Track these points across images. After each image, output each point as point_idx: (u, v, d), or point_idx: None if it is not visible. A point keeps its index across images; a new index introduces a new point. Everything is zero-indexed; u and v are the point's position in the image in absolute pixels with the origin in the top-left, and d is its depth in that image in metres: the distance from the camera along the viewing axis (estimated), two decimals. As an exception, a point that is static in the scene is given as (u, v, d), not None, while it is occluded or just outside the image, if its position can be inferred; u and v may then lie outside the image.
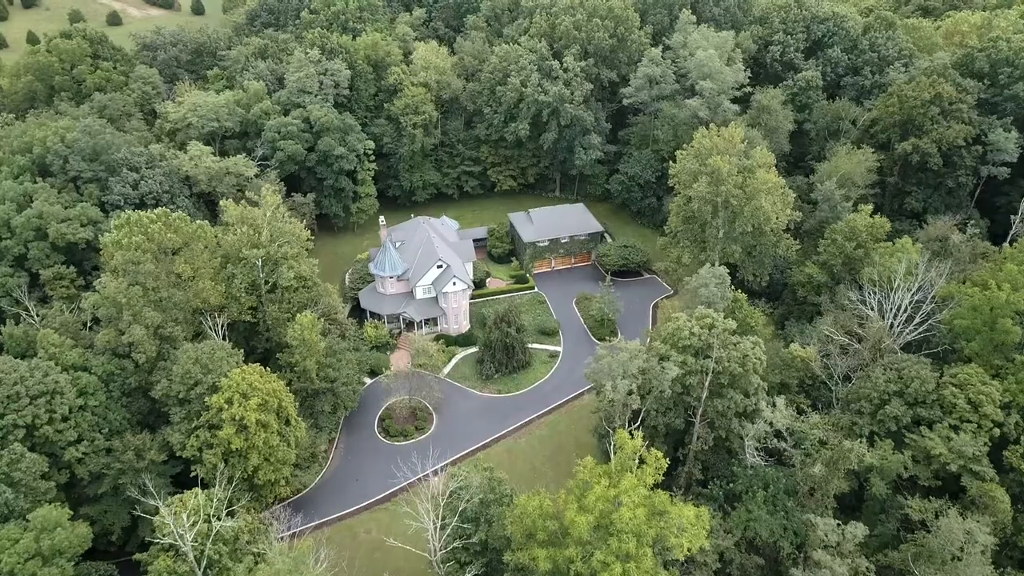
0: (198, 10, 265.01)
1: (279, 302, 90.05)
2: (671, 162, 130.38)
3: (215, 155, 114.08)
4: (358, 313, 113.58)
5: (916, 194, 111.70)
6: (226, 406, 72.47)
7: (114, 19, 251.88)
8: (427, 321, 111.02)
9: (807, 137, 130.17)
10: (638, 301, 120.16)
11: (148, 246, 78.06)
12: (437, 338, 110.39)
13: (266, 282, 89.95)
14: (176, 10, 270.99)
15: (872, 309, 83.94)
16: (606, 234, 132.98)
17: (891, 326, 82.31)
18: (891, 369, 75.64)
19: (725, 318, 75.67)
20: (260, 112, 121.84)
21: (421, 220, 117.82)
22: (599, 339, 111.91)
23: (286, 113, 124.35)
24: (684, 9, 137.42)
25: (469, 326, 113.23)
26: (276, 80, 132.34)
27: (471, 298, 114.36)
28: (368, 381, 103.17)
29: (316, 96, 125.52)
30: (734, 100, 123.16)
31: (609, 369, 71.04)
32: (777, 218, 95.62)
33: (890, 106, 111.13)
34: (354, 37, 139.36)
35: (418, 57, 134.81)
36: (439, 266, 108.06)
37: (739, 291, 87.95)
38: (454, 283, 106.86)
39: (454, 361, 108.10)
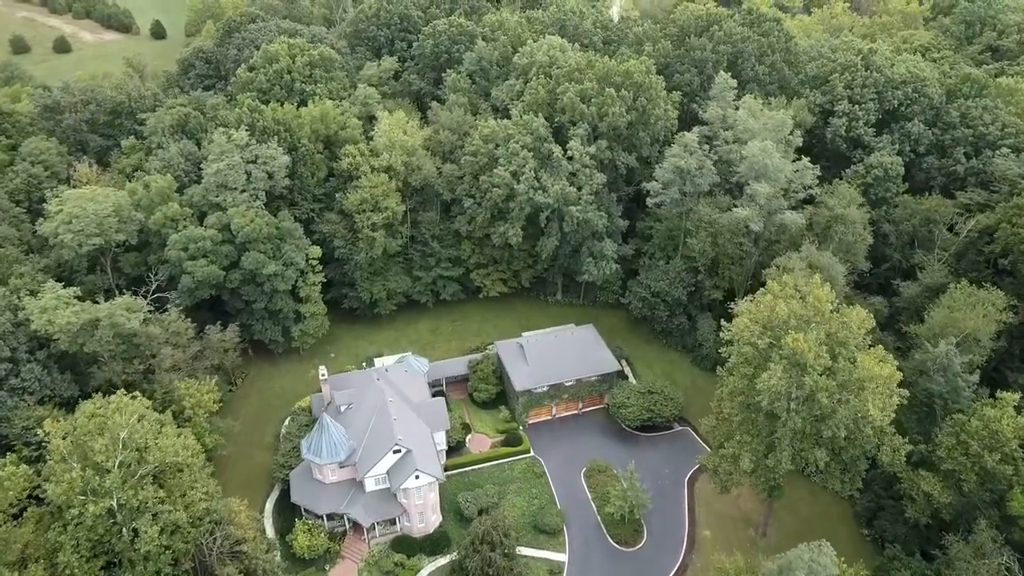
0: (159, 34, 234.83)
1: (143, 561, 59.67)
2: (706, 276, 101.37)
3: (83, 295, 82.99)
4: (289, 503, 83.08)
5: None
6: None
7: (62, 45, 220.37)
8: (382, 522, 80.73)
9: (884, 242, 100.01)
10: (669, 473, 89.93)
11: None
12: (396, 542, 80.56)
13: (128, 529, 59.83)
14: (135, 34, 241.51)
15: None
16: (624, 363, 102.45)
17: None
18: None
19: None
20: (164, 219, 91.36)
21: (375, 374, 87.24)
22: (619, 543, 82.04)
23: (201, 218, 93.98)
24: (720, 70, 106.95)
25: (440, 520, 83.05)
26: (194, 166, 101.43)
27: (445, 469, 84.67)
28: (297, 617, 73.54)
29: (242, 192, 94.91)
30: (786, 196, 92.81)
31: None
32: (883, 411, 65.32)
33: (1020, 227, 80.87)
34: (300, 105, 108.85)
35: (380, 133, 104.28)
36: (396, 451, 77.85)
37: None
38: (417, 477, 76.66)
39: (418, 581, 78.15)
